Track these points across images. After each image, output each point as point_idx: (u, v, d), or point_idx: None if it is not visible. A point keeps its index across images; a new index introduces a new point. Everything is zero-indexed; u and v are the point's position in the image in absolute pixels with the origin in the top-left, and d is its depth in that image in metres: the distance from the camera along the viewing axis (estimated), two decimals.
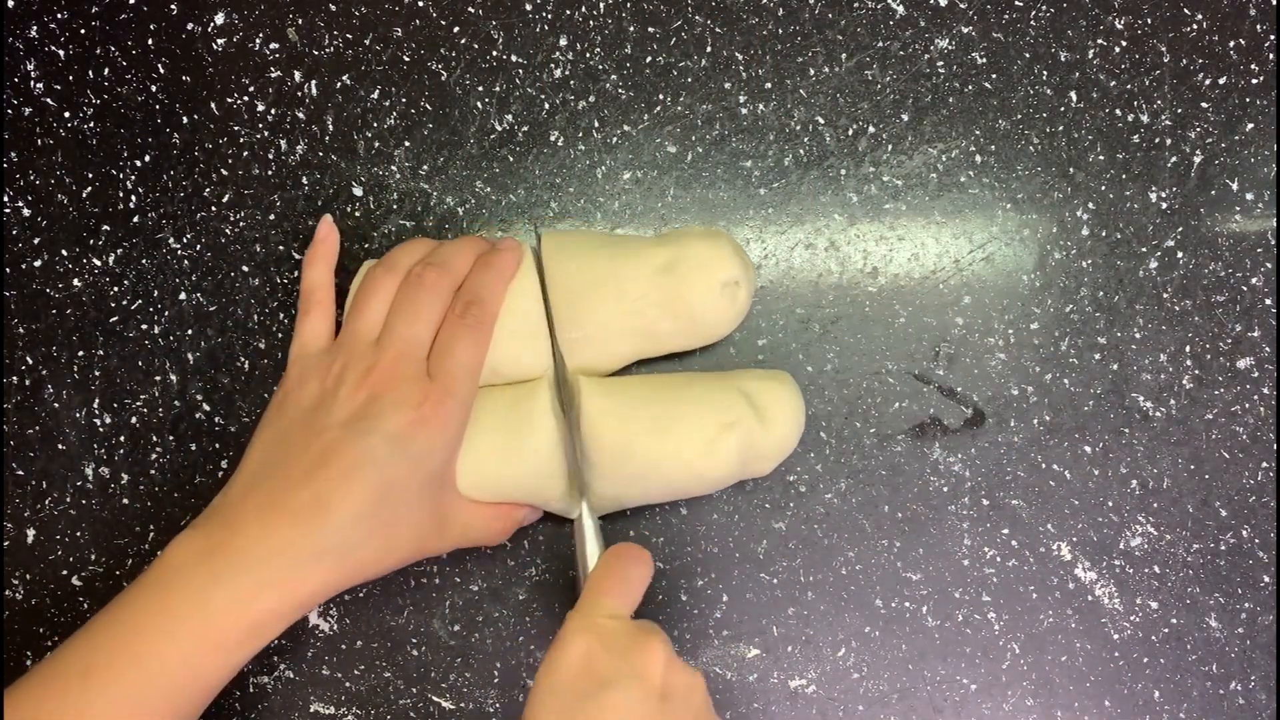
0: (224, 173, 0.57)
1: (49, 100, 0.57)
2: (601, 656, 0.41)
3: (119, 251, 0.56)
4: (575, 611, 0.43)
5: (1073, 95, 0.57)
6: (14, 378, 0.56)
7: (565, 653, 0.41)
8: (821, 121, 0.57)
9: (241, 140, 0.57)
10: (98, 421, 0.56)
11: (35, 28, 0.57)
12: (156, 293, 0.56)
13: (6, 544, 0.55)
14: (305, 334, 0.49)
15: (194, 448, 0.56)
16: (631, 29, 0.57)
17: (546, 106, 0.57)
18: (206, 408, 0.56)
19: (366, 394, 0.44)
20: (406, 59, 0.57)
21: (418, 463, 0.44)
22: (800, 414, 0.53)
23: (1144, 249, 0.56)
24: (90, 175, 0.57)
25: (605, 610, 0.43)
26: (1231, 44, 0.57)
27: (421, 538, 0.46)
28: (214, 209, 0.57)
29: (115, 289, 0.56)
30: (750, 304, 0.54)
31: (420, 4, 0.57)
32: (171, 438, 0.56)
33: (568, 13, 0.57)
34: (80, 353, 0.56)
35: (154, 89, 0.57)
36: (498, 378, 0.52)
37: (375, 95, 0.57)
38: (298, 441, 0.44)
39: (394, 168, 0.57)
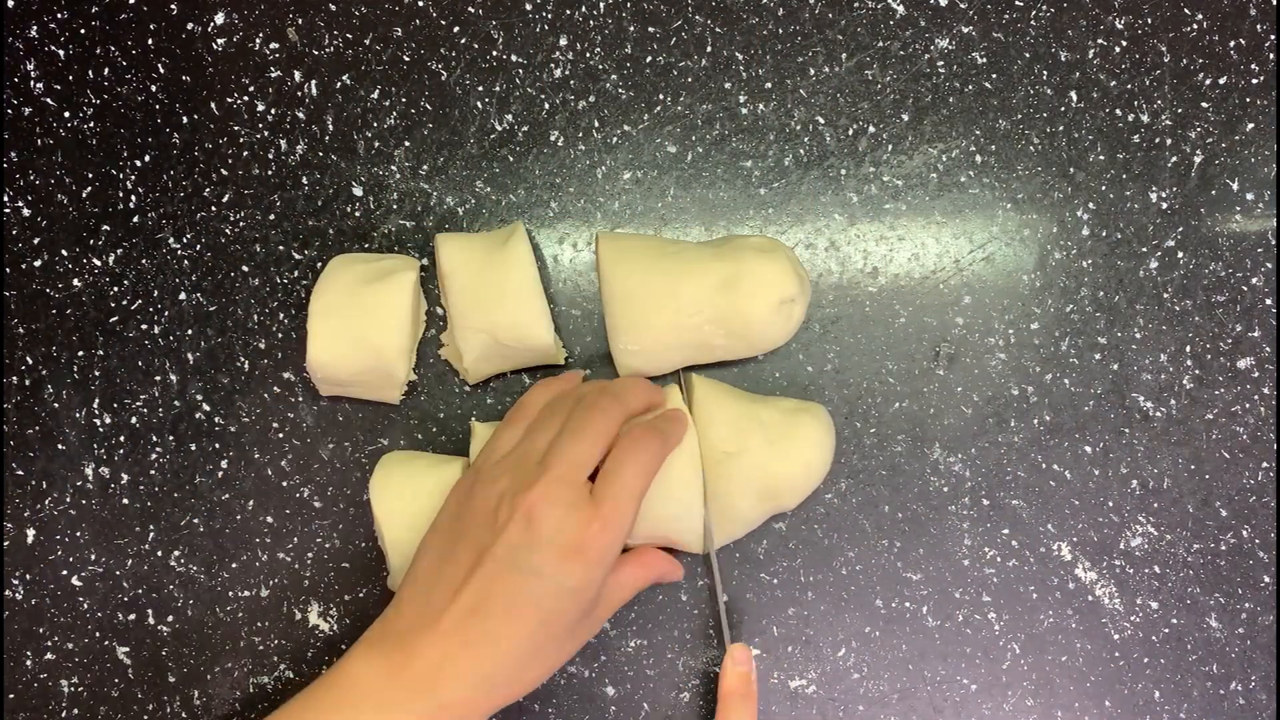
0: (224, 173, 0.57)
1: (49, 100, 0.57)
2: None
3: (119, 251, 0.56)
4: None
5: (1073, 95, 0.57)
6: (14, 378, 0.56)
7: None
8: (821, 121, 0.57)
9: (241, 140, 0.57)
10: (98, 421, 0.56)
11: (35, 28, 0.57)
12: (156, 293, 0.56)
13: (6, 544, 0.55)
14: (500, 442, 0.50)
15: (194, 448, 0.56)
16: (631, 29, 0.57)
17: (546, 106, 0.57)
18: (206, 408, 0.56)
19: (524, 518, 0.44)
20: (406, 59, 0.57)
21: (575, 596, 0.45)
22: (823, 450, 0.52)
23: (1144, 249, 0.56)
24: (90, 175, 0.57)
25: None
26: (1231, 44, 0.57)
27: (582, 639, 0.48)
28: (214, 209, 0.57)
29: (115, 289, 0.56)
30: (804, 316, 0.54)
31: (420, 4, 0.57)
32: (171, 438, 0.56)
33: (568, 13, 0.57)
34: (80, 353, 0.56)
35: (154, 89, 0.57)
36: (505, 349, 0.52)
37: (375, 95, 0.57)
38: (464, 560, 0.45)
39: (394, 168, 0.57)
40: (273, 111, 0.57)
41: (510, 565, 0.44)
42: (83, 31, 0.57)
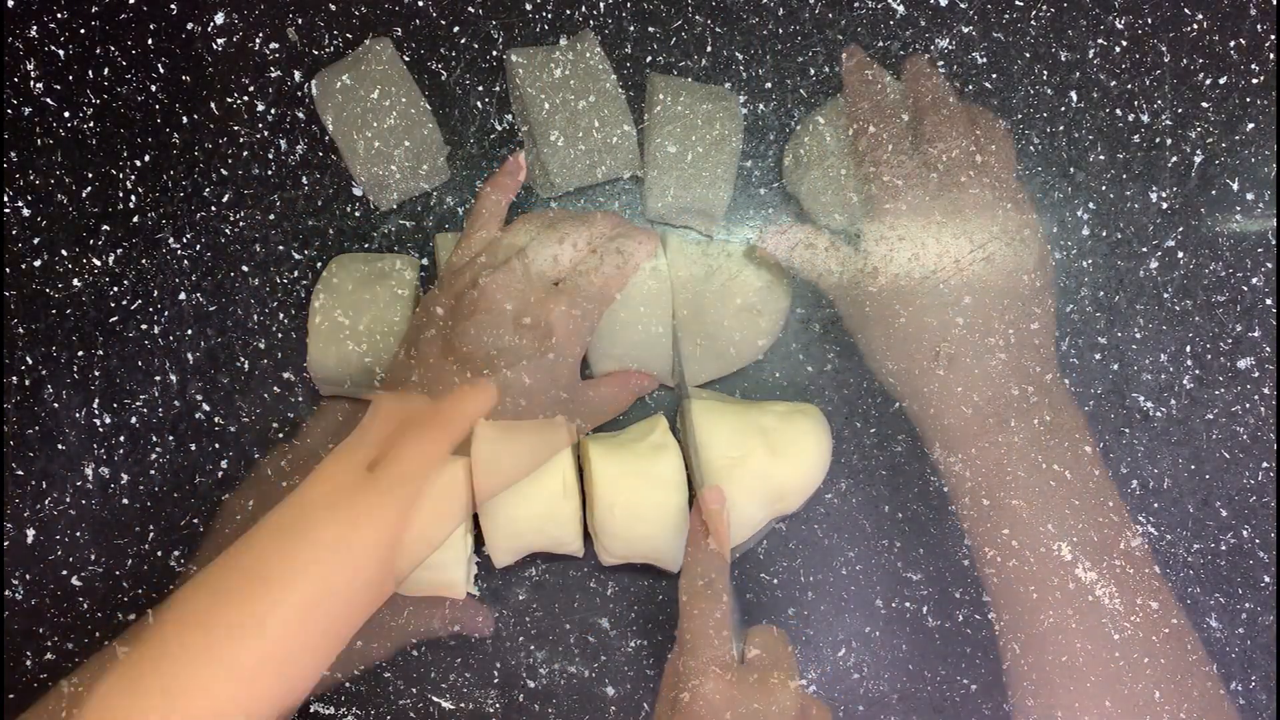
0: (224, 173, 0.57)
1: (49, 100, 0.57)
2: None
3: (119, 251, 0.56)
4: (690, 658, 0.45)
5: (1073, 95, 0.57)
6: (14, 378, 0.56)
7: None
8: (822, 121, 0.57)
9: (241, 140, 0.57)
10: (98, 421, 0.56)
11: (35, 28, 0.57)
12: (156, 293, 0.56)
13: (6, 544, 0.55)
14: (466, 247, 0.52)
15: (194, 448, 0.56)
16: (631, 29, 0.57)
17: (547, 107, 0.57)
18: (206, 408, 0.56)
19: (492, 297, 0.47)
20: (406, 59, 0.57)
21: (547, 373, 0.47)
22: (823, 451, 0.53)
23: (1144, 249, 0.56)
24: (90, 175, 0.57)
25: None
26: (1231, 44, 0.57)
27: None
28: (214, 209, 0.57)
29: (115, 289, 0.56)
30: (778, 326, 0.54)
31: (420, 4, 0.57)
32: (171, 438, 0.56)
33: (568, 13, 0.57)
34: (80, 353, 0.56)
35: (154, 89, 0.57)
36: None
37: (375, 95, 0.57)
38: (435, 353, 0.47)
39: (394, 167, 0.56)
40: (273, 111, 0.57)
41: (481, 342, 0.46)
42: (83, 31, 0.57)
